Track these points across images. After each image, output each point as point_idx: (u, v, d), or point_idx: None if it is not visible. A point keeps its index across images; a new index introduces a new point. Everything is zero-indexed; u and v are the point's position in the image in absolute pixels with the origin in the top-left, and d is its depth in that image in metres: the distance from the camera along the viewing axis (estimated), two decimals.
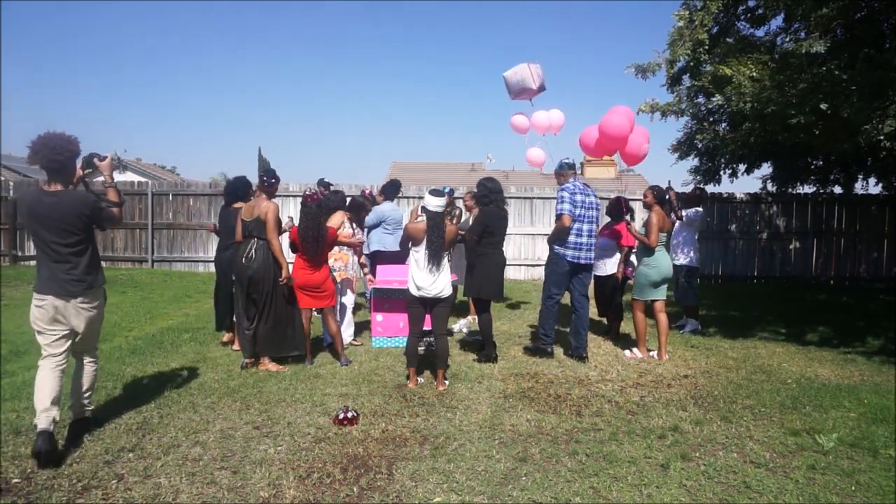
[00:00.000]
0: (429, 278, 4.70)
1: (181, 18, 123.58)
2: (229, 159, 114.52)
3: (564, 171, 5.73)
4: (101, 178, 3.83)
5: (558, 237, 5.52)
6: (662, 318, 5.83)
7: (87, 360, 3.71)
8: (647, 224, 5.84)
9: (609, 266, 6.57)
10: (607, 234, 6.58)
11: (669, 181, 7.31)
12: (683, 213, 7.12)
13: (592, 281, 6.68)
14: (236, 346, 5.63)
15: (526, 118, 8.16)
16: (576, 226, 5.48)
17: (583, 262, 5.59)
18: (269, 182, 5.28)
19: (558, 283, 5.65)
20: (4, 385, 4.53)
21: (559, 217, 5.47)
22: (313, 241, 5.18)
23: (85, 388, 3.69)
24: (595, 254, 5.94)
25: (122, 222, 3.42)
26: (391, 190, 7.43)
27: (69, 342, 3.51)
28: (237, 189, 5.92)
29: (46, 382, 3.39)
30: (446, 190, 7.70)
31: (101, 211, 3.57)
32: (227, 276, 5.68)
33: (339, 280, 5.90)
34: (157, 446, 3.53)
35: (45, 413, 3.32)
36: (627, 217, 6.49)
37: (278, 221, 5.12)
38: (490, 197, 5.61)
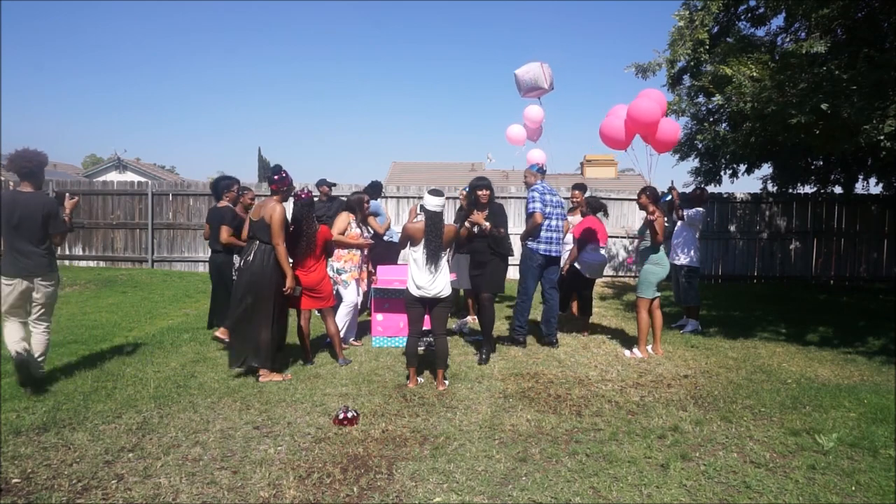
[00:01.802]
0: (428, 278, 4.69)
1: (181, 18, 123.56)
2: (229, 159, 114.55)
3: (535, 174, 6.24)
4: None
5: (530, 234, 6.01)
6: (659, 314, 6.06)
7: (41, 328, 4.51)
8: (655, 222, 5.87)
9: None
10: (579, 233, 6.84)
11: (672, 181, 7.42)
12: (684, 213, 7.15)
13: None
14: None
15: (522, 129, 8.13)
16: (546, 222, 6.01)
17: (553, 254, 6.13)
18: (271, 178, 4.93)
19: (534, 277, 6.12)
20: (4, 385, 4.53)
21: (531, 215, 5.95)
22: (302, 240, 5.15)
23: (38, 353, 4.46)
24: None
25: (62, 243, 4.74)
26: (372, 190, 7.78)
27: (27, 310, 4.46)
28: (218, 188, 5.91)
29: (13, 331, 4.35)
30: (467, 190, 7.76)
31: (57, 218, 4.41)
32: (220, 277, 5.79)
33: (350, 282, 5.88)
34: (157, 446, 3.53)
35: (15, 345, 4.30)
36: (600, 214, 6.92)
37: (285, 225, 4.82)
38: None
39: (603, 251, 6.96)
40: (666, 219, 7.68)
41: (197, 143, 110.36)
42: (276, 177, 4.94)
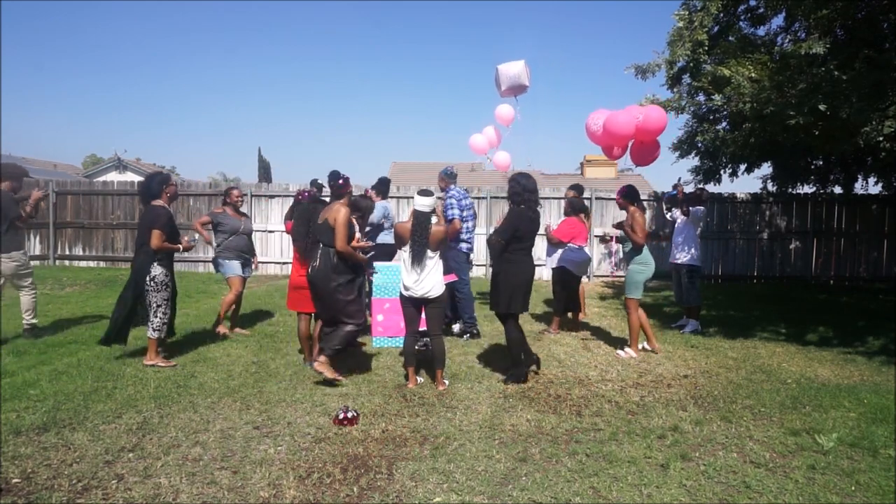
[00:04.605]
0: (414, 278, 4.67)
1: (181, 18, 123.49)
2: (229, 159, 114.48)
3: (448, 179, 6.73)
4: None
5: (452, 238, 6.19)
6: (642, 312, 6.03)
7: (23, 292, 6.12)
8: (632, 223, 5.86)
9: (553, 260, 7.02)
10: (556, 232, 6.89)
11: (680, 178, 7.52)
12: (689, 209, 7.22)
13: (551, 275, 7.25)
14: (149, 360, 5.16)
15: (484, 139, 8.16)
16: (464, 225, 6.48)
17: (471, 252, 6.88)
18: (337, 184, 4.88)
19: (466, 271, 6.72)
20: (4, 385, 4.53)
21: (451, 221, 6.22)
22: (302, 240, 5.12)
23: (25, 308, 6.12)
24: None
25: (24, 227, 6.23)
26: (382, 187, 7.45)
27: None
28: (151, 185, 5.33)
29: None
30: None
31: (9, 210, 5.82)
32: (137, 282, 5.17)
33: None
34: (157, 446, 3.53)
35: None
36: (582, 216, 6.95)
37: (349, 228, 4.73)
38: (523, 196, 4.93)
39: (587, 250, 7.04)
40: (670, 214, 7.74)
41: (197, 143, 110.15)
42: (339, 181, 4.90)
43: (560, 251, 6.91)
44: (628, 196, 5.97)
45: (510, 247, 4.86)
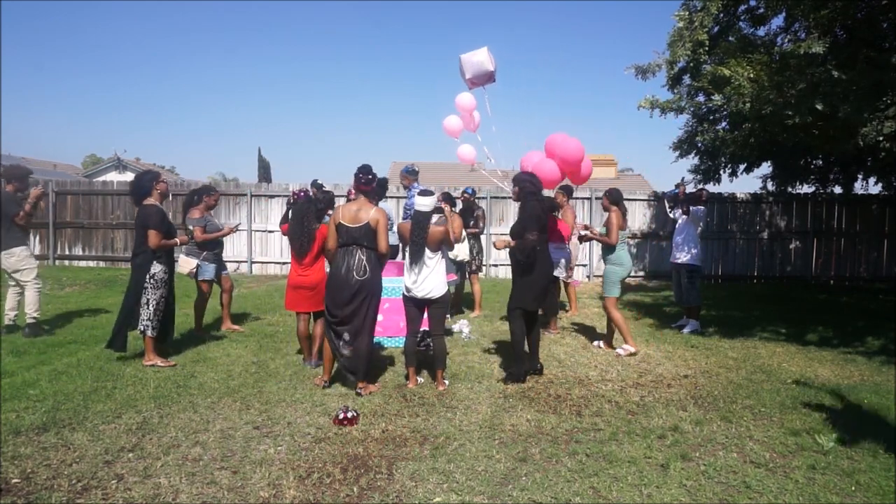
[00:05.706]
0: (414, 278, 4.68)
1: (181, 18, 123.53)
2: (229, 159, 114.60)
3: (411, 176, 7.14)
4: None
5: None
6: (617, 313, 6.08)
7: (28, 289, 6.25)
8: (607, 223, 6.02)
9: None
10: None
11: (683, 178, 7.56)
12: (689, 209, 7.23)
13: None
14: (148, 360, 5.16)
15: (459, 120, 8.05)
16: None
17: None
18: (367, 179, 4.64)
19: None
20: (4, 385, 4.53)
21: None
22: (298, 240, 5.14)
23: (28, 303, 6.24)
24: None
25: (25, 224, 6.37)
26: (381, 189, 7.38)
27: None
28: (142, 184, 5.32)
29: (7, 299, 6.46)
30: (468, 191, 7.75)
31: (8, 207, 6.11)
32: (136, 282, 5.17)
33: None
34: (157, 446, 3.53)
35: (8, 312, 6.45)
36: (557, 214, 6.95)
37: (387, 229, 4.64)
38: (537, 194, 5.18)
39: (566, 251, 7.06)
40: (673, 213, 7.75)
41: (197, 143, 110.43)
42: (369, 176, 4.70)
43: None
44: (612, 198, 6.15)
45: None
